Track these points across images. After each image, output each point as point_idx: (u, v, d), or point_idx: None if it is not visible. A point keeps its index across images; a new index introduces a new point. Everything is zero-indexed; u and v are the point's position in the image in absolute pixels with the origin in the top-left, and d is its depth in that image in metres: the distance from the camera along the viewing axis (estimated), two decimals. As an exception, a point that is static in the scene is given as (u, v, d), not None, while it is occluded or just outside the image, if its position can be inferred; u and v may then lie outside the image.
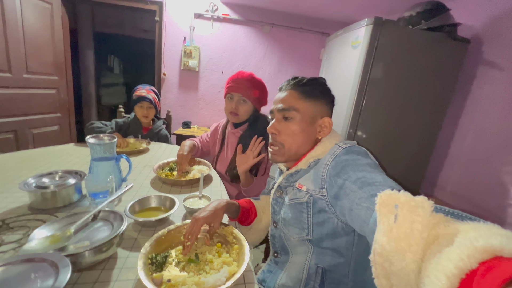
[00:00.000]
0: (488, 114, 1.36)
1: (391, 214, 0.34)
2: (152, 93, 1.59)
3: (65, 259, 0.43)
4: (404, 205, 0.34)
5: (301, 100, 0.67)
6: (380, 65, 1.37)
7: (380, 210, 0.36)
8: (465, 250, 0.24)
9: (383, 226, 0.34)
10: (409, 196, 0.35)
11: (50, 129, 2.14)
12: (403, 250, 0.31)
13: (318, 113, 0.68)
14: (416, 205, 0.33)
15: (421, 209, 0.32)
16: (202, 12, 2.52)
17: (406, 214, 0.33)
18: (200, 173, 1.00)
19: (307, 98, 0.67)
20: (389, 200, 0.36)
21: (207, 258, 0.59)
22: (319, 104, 0.68)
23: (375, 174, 0.50)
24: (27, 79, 1.88)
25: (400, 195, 0.35)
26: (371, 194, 0.45)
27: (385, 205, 0.36)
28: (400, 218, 0.33)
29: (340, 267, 0.64)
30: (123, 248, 0.62)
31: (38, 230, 0.55)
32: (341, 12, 2.41)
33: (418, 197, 0.34)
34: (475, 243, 0.24)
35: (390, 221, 0.34)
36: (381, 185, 0.47)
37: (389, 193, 0.37)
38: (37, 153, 1.19)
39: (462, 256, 0.24)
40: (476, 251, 0.24)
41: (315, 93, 0.68)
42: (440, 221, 0.31)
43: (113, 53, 4.52)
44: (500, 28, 1.34)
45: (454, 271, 0.24)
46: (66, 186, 0.78)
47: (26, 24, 1.81)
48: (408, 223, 0.32)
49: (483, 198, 1.34)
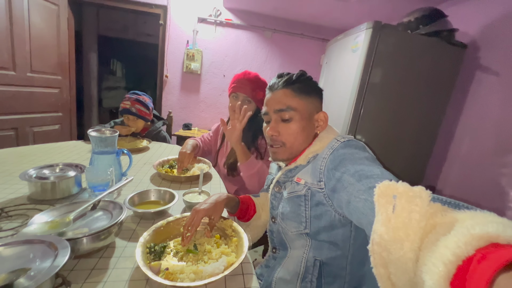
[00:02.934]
0: (484, 117, 1.38)
1: (389, 204, 0.35)
2: (138, 104, 1.50)
3: (64, 241, 0.43)
4: (402, 195, 0.34)
5: (296, 98, 0.67)
6: (379, 69, 1.40)
7: (378, 201, 0.37)
8: (462, 237, 0.25)
9: (382, 216, 0.35)
10: (407, 187, 0.35)
11: (51, 128, 2.16)
12: (401, 240, 0.31)
13: (314, 109, 0.70)
14: (414, 195, 0.33)
15: (419, 199, 0.33)
16: (206, 16, 2.57)
17: (404, 204, 0.33)
18: (199, 170, 1.00)
19: (302, 95, 0.67)
20: (388, 191, 0.36)
21: (206, 249, 0.59)
22: (313, 99, 0.69)
23: (373, 167, 0.51)
24: (31, 77, 1.90)
25: (398, 186, 0.36)
26: (369, 187, 0.45)
27: (383, 195, 0.36)
28: (398, 208, 0.33)
29: (338, 260, 0.64)
30: (121, 238, 0.62)
31: (38, 216, 0.55)
32: (341, 20, 2.46)
33: (416, 187, 0.34)
34: (471, 231, 0.25)
35: (388, 211, 0.34)
36: (379, 177, 0.47)
37: (388, 184, 0.37)
38: (38, 149, 1.19)
39: (459, 244, 0.24)
40: (473, 238, 0.24)
41: (308, 89, 0.69)
42: (438, 211, 0.32)
43: (116, 56, 4.58)
44: (495, 34, 1.37)
45: (451, 258, 0.24)
46: (66, 177, 0.78)
47: (33, 24, 1.85)
48: (406, 212, 0.32)
49: (481, 200, 1.34)
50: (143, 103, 1.54)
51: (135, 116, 1.51)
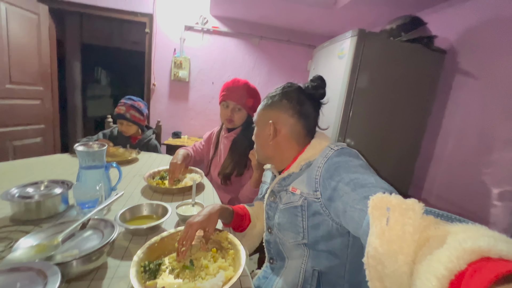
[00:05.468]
0: (466, 119, 1.45)
1: (383, 217, 0.35)
2: (132, 109, 1.52)
3: (54, 267, 0.41)
4: (396, 208, 0.34)
5: (260, 111, 0.75)
6: (365, 74, 1.44)
7: (372, 213, 0.37)
8: (454, 251, 0.25)
9: (376, 229, 0.35)
10: (400, 199, 0.35)
11: (32, 141, 2.07)
12: (395, 253, 0.31)
13: (266, 120, 0.71)
14: (407, 208, 0.33)
15: (412, 212, 0.33)
16: (192, 24, 2.57)
17: (398, 217, 0.33)
18: (192, 181, 0.99)
19: (262, 109, 0.74)
20: (381, 203, 0.36)
21: (202, 264, 0.57)
22: (268, 111, 0.72)
23: (367, 176, 0.51)
24: (10, 89, 1.83)
25: (392, 198, 0.36)
26: (364, 196, 0.45)
27: (377, 208, 0.36)
28: (392, 221, 0.33)
29: (336, 268, 0.64)
30: (114, 258, 0.59)
31: (23, 239, 0.52)
32: (326, 26, 2.52)
33: (409, 200, 0.35)
34: (463, 245, 0.25)
35: (382, 224, 0.34)
36: (373, 186, 0.47)
37: (381, 196, 0.37)
38: (19, 164, 1.14)
39: (452, 258, 0.25)
40: (465, 252, 0.24)
41: (268, 103, 0.73)
42: (431, 223, 0.32)
43: (100, 64, 4.47)
44: (472, 40, 1.45)
45: (444, 272, 0.24)
46: (52, 195, 0.74)
47: (12, 34, 1.78)
48: (399, 225, 0.33)
49: (466, 199, 1.39)
50: (137, 109, 1.55)
51: (129, 122, 1.52)
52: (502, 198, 1.22)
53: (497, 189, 1.24)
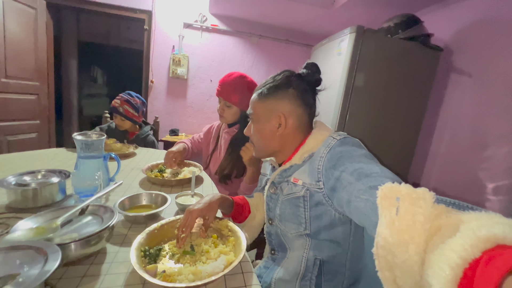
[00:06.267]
0: (460, 116, 1.47)
1: (392, 207, 0.34)
2: (126, 104, 1.50)
3: (54, 245, 0.40)
4: (406, 197, 0.33)
5: (258, 101, 0.70)
6: (363, 71, 1.45)
7: (381, 203, 0.36)
8: (468, 240, 0.24)
9: (385, 219, 0.34)
10: (410, 188, 0.35)
11: (27, 136, 2.04)
12: (406, 242, 0.30)
13: (273, 111, 0.67)
14: (417, 197, 0.33)
15: (422, 201, 0.32)
16: (191, 22, 2.57)
17: (408, 206, 0.32)
18: (191, 173, 0.98)
19: (262, 99, 0.69)
20: (391, 193, 0.35)
21: (203, 249, 0.57)
22: (272, 101, 0.67)
23: (371, 165, 0.50)
24: (5, 83, 1.80)
25: (402, 188, 0.35)
26: (369, 186, 0.44)
27: (386, 198, 0.36)
28: (402, 211, 0.33)
29: (338, 257, 0.64)
30: (113, 244, 0.59)
31: (22, 222, 0.51)
32: (324, 26, 2.54)
33: (419, 189, 0.34)
34: (477, 233, 0.24)
35: (392, 214, 0.33)
36: (378, 176, 0.46)
37: (390, 186, 0.36)
38: (15, 157, 1.12)
39: (465, 246, 0.24)
40: (479, 240, 0.24)
41: (268, 92, 0.68)
42: (442, 212, 0.31)
43: (97, 63, 4.44)
44: (466, 39, 1.48)
45: (458, 261, 0.24)
46: (49, 184, 0.73)
47: (8, 28, 1.76)
48: (410, 215, 0.32)
49: (462, 194, 1.41)
50: (132, 104, 1.53)
51: (122, 116, 1.51)
52: (497, 192, 1.24)
53: (492, 183, 1.26)
